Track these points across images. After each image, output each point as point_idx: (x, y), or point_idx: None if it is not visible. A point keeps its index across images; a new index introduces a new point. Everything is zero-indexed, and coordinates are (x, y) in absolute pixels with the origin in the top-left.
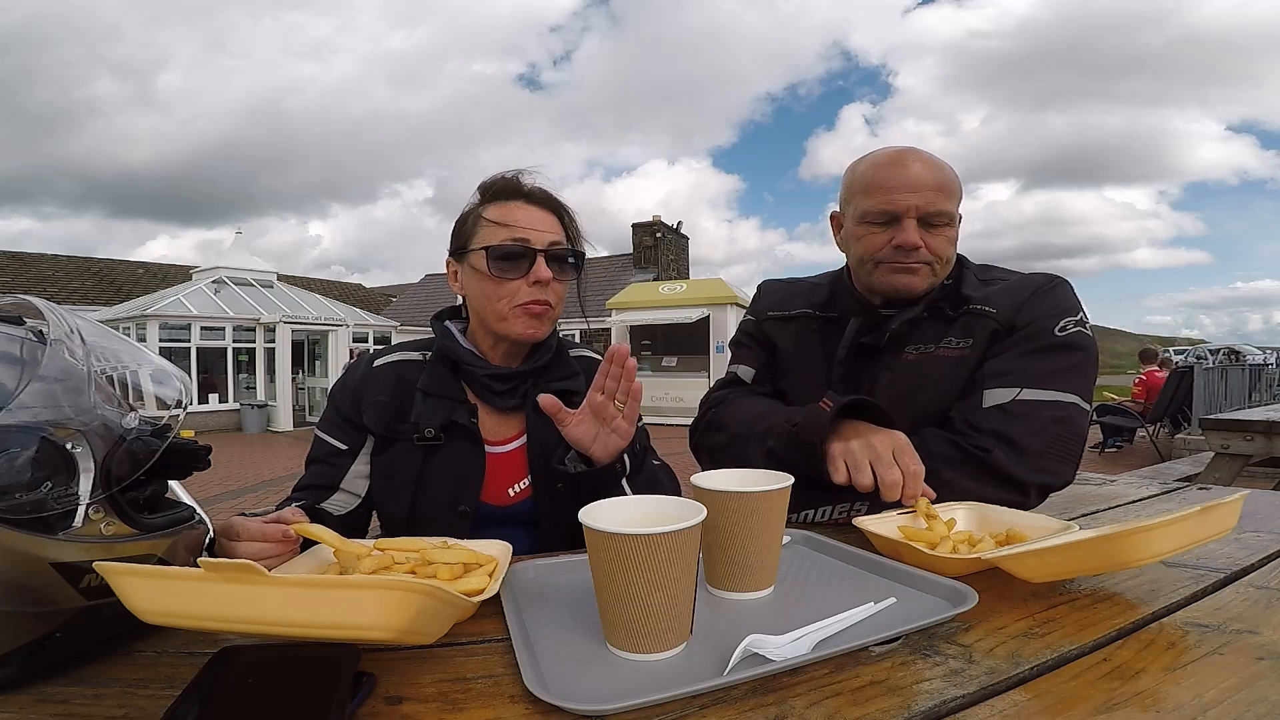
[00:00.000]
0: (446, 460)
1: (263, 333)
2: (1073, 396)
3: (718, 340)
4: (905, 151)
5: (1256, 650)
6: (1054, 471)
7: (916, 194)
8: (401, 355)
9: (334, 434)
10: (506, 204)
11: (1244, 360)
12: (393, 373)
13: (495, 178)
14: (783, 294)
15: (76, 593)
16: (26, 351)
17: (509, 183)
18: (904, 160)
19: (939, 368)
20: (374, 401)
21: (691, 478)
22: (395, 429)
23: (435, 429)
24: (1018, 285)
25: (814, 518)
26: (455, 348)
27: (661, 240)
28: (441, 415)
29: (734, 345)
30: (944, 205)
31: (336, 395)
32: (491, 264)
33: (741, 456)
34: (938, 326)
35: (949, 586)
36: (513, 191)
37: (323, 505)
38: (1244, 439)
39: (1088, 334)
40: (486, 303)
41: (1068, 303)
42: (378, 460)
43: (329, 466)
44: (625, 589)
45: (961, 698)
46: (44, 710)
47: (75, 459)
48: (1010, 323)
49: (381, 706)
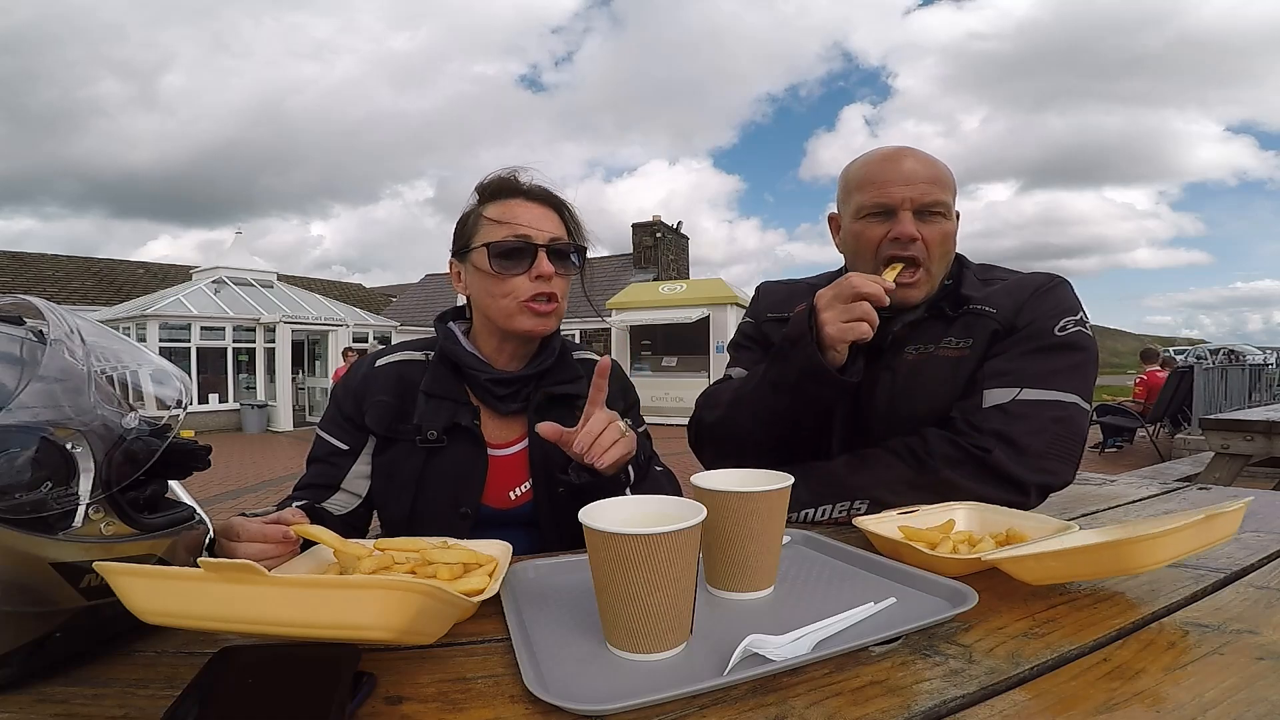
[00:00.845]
0: (448, 462)
1: (263, 333)
2: (1073, 396)
3: (718, 340)
4: (899, 149)
5: (1256, 650)
6: (1054, 471)
7: (911, 186)
8: (404, 355)
9: (335, 434)
10: (506, 202)
11: (1244, 360)
12: (395, 373)
13: (493, 176)
14: (782, 295)
15: (76, 593)
16: (26, 351)
17: (507, 181)
18: (898, 156)
19: (939, 368)
20: (376, 401)
21: (692, 478)
22: (397, 429)
23: (438, 431)
24: (1018, 285)
25: (814, 517)
26: (458, 350)
27: (661, 240)
28: (444, 417)
29: (732, 348)
30: (938, 195)
31: (338, 394)
32: (493, 261)
33: (738, 421)
34: (938, 326)
35: (949, 587)
36: (512, 189)
37: (324, 505)
38: (1244, 439)
39: (1088, 334)
40: (491, 300)
41: (1068, 303)
42: (378, 460)
43: (330, 466)
44: (625, 589)
45: (961, 698)
46: (44, 710)
47: (75, 459)
48: (1010, 323)
49: (381, 706)
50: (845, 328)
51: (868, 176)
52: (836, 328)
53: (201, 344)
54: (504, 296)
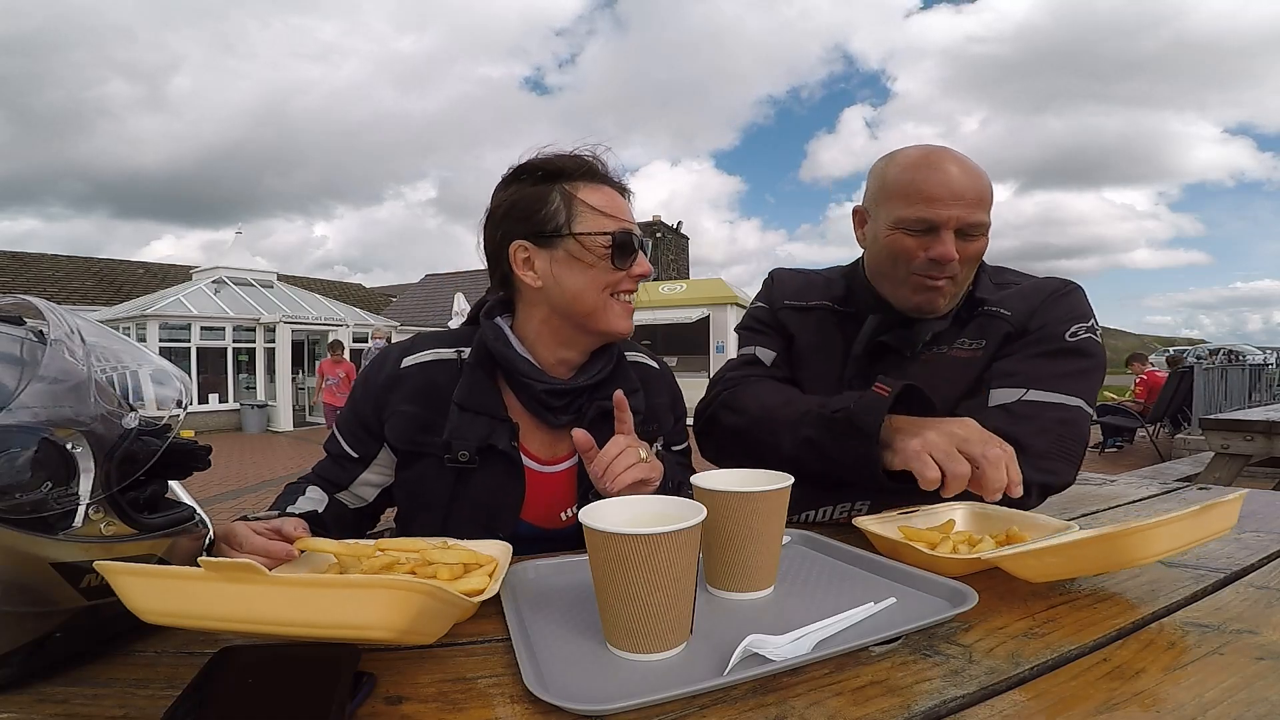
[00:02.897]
0: (480, 486)
1: (263, 333)
2: (1078, 400)
3: (718, 340)
4: (942, 153)
5: (1256, 650)
6: (1055, 472)
7: (957, 204)
8: (434, 354)
9: (348, 438)
10: (602, 188)
11: (1244, 360)
12: (422, 376)
13: (573, 156)
14: (799, 284)
15: (76, 593)
16: (27, 351)
17: (595, 165)
18: (941, 163)
19: (951, 368)
20: (398, 412)
21: (692, 478)
22: (421, 443)
23: (470, 452)
24: (1033, 289)
25: (814, 518)
26: (511, 355)
27: (661, 240)
28: (478, 436)
29: (744, 330)
30: (982, 217)
31: (358, 395)
32: (614, 252)
33: (759, 443)
34: (952, 328)
35: (949, 586)
36: (602, 175)
37: (336, 497)
38: (1244, 439)
39: (1098, 341)
40: (591, 293)
41: (1081, 309)
42: (403, 475)
43: (338, 468)
44: (625, 589)
45: (961, 698)
46: (44, 710)
47: (75, 459)
48: (1023, 326)
49: (381, 706)
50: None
51: (911, 186)
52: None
53: (201, 344)
54: (602, 289)
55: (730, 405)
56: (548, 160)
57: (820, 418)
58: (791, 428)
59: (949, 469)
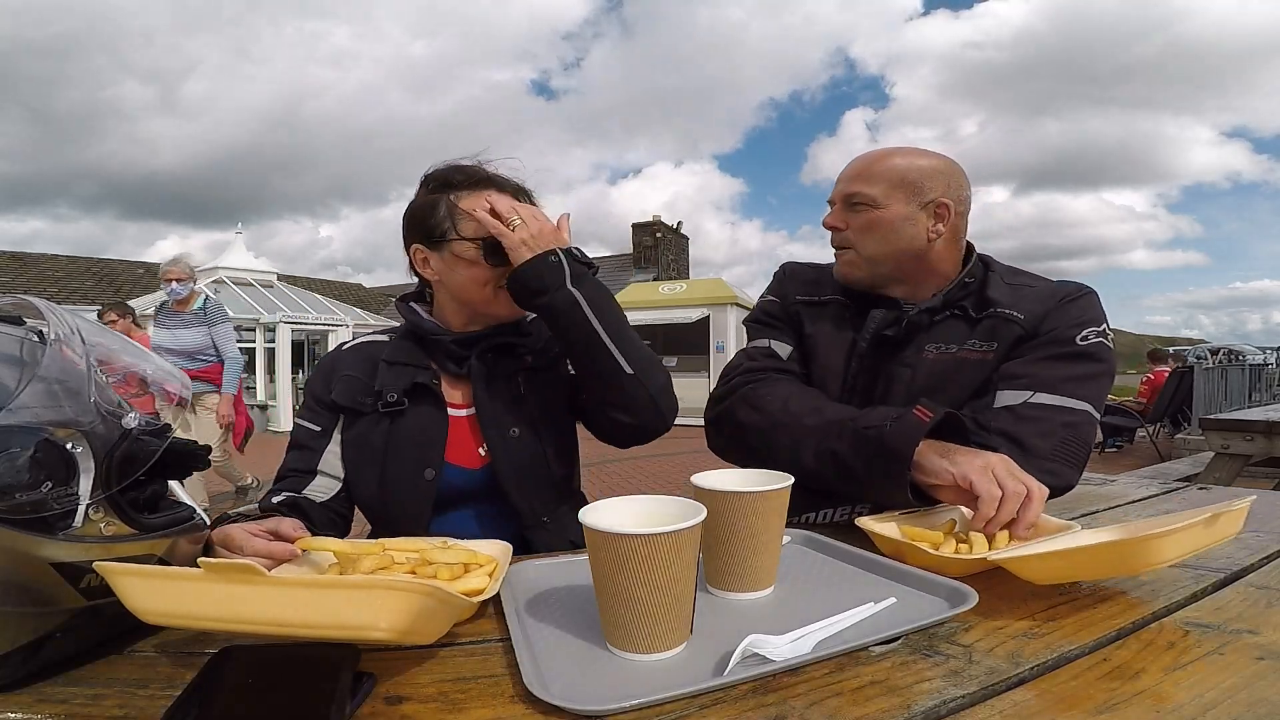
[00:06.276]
0: (411, 424)
1: (263, 333)
2: (1085, 405)
3: (718, 340)
4: (873, 149)
5: (1256, 650)
6: (1058, 474)
7: (844, 180)
8: (370, 337)
9: (310, 418)
10: (481, 194)
11: (1244, 360)
12: (361, 352)
13: (455, 166)
14: (811, 277)
15: (76, 593)
16: (27, 351)
17: (478, 172)
18: (859, 155)
19: (961, 369)
20: (342, 377)
21: (692, 478)
22: (361, 401)
23: (398, 393)
24: (1046, 293)
25: (814, 520)
26: (423, 322)
27: (661, 240)
28: (404, 380)
29: (755, 323)
30: (858, 187)
31: (311, 381)
32: (487, 255)
33: (776, 446)
34: (961, 327)
35: (949, 587)
36: (485, 181)
37: (305, 493)
38: (1244, 439)
39: (1109, 346)
40: (474, 288)
41: (1093, 313)
42: (347, 436)
43: (307, 450)
44: (625, 589)
45: (961, 698)
46: (44, 710)
47: (75, 459)
48: (1035, 329)
49: (381, 706)
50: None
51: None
52: (989, 479)
53: None
54: (486, 284)
55: (750, 401)
56: (439, 172)
57: (854, 433)
58: (813, 437)
59: (1008, 487)
